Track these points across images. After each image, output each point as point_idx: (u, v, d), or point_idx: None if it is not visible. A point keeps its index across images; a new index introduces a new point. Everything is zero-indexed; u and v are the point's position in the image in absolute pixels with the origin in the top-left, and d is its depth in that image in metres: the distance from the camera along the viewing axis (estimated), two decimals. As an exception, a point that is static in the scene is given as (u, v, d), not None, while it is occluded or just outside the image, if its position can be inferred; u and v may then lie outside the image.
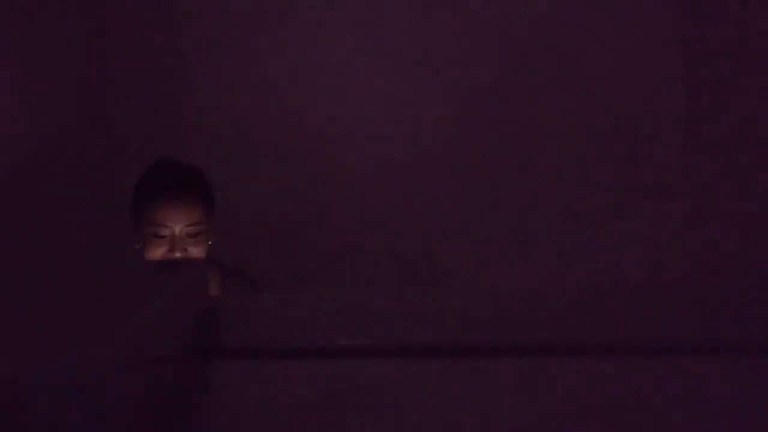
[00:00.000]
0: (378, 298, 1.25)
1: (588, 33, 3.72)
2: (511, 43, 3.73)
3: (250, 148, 3.71)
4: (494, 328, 1.12)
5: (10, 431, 0.66)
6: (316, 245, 3.73)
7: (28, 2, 3.66)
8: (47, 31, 3.66)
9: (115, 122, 3.70)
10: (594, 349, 1.05)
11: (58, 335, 0.80)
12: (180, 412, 0.89)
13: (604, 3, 3.72)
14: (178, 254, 2.53)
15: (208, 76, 3.71)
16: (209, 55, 3.70)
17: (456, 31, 3.73)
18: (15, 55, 3.66)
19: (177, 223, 2.54)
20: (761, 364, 1.00)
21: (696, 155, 3.73)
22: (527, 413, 0.90)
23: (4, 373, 0.68)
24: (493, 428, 0.88)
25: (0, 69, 3.66)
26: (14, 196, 3.66)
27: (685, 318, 1.17)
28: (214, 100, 3.71)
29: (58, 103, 3.67)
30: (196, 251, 2.54)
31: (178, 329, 0.99)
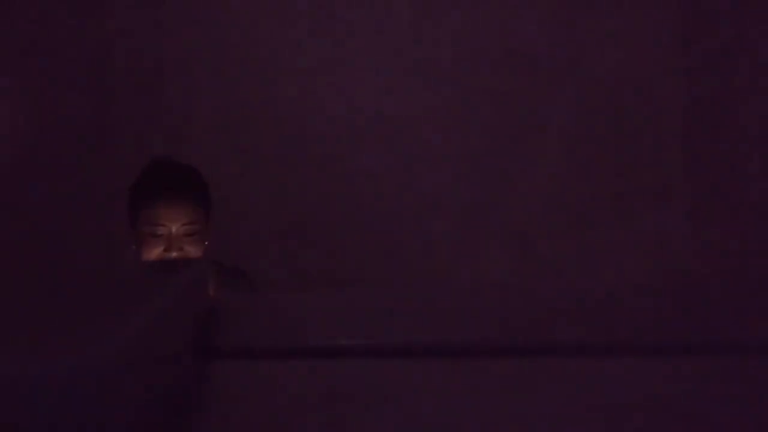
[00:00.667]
0: (378, 298, 1.26)
1: (588, 34, 3.72)
2: (511, 45, 3.73)
3: (249, 148, 3.71)
4: (494, 328, 1.12)
5: (10, 431, 0.66)
6: (317, 245, 3.73)
7: (28, 2, 3.66)
8: (47, 31, 3.65)
9: (114, 122, 3.70)
10: (594, 349, 1.05)
11: (58, 335, 0.80)
12: (180, 412, 0.89)
13: (605, 4, 3.72)
14: (174, 254, 2.53)
15: (209, 76, 3.70)
16: (209, 55, 3.70)
17: (457, 31, 3.72)
18: (15, 55, 3.66)
19: (173, 222, 2.54)
20: (761, 364, 1.00)
21: (696, 156, 3.73)
22: (527, 413, 0.90)
23: (4, 373, 0.68)
24: (493, 428, 0.88)
25: (0, 69, 3.66)
26: (14, 195, 3.66)
27: (685, 318, 1.17)
28: (214, 100, 3.71)
29: (57, 102, 3.67)
30: (192, 251, 2.55)
31: (178, 329, 0.99)
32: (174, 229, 2.54)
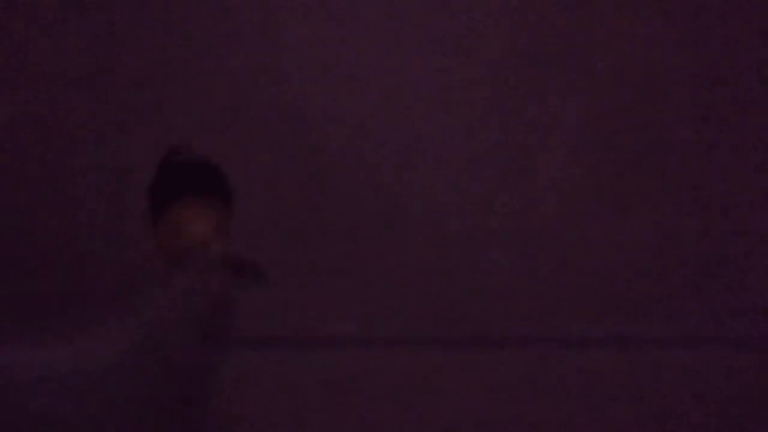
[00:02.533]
0: (378, 292, 1.26)
1: (590, 33, 3.73)
2: (516, 43, 3.73)
3: (252, 143, 3.72)
4: (494, 325, 1.13)
5: (10, 425, 0.67)
6: (317, 241, 3.73)
7: (28, 1, 3.66)
8: (47, 29, 3.66)
9: (115, 122, 3.70)
10: (596, 343, 1.06)
11: (59, 334, 0.81)
12: (183, 405, 0.90)
13: (612, 2, 3.73)
14: (198, 251, 2.52)
15: (209, 76, 3.71)
16: (210, 55, 3.71)
17: (461, 29, 3.73)
18: (14, 54, 3.66)
19: (198, 220, 2.53)
20: (760, 361, 1.01)
21: (697, 156, 3.74)
22: (528, 407, 0.91)
23: (4, 368, 0.68)
24: (493, 422, 0.89)
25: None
26: (14, 195, 3.67)
27: (685, 315, 1.17)
28: (215, 98, 3.71)
29: (58, 102, 3.68)
30: (215, 248, 2.53)
31: (181, 324, 0.99)
32: (200, 226, 2.53)
